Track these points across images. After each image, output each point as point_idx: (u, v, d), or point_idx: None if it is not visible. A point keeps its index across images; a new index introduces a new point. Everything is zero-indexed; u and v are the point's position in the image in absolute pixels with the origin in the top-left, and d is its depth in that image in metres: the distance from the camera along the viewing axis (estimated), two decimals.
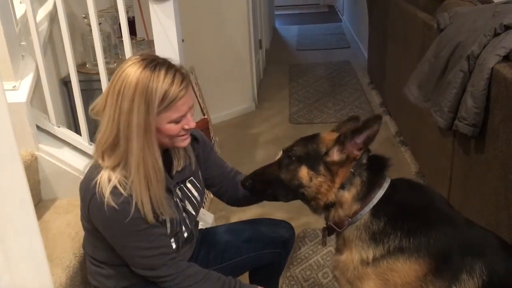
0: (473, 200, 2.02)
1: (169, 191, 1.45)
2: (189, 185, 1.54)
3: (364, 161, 1.39)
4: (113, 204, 1.28)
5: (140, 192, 1.30)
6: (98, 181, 1.30)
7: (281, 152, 1.51)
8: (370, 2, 4.65)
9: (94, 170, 1.35)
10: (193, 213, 1.55)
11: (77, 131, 2.20)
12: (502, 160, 1.71)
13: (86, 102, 2.19)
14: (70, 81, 2.10)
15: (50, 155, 2.05)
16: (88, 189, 1.33)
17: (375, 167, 1.40)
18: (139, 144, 1.28)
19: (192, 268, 1.44)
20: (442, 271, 1.29)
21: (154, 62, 1.30)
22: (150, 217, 1.32)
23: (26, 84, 2.01)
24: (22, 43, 2.07)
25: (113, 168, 1.32)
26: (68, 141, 2.12)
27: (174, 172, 1.47)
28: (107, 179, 1.30)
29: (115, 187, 1.29)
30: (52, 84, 2.22)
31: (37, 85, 2.07)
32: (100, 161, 1.34)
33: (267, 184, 1.47)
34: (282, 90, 4.85)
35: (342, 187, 1.37)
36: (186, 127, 1.36)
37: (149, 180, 1.31)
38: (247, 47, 4.13)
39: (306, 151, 1.42)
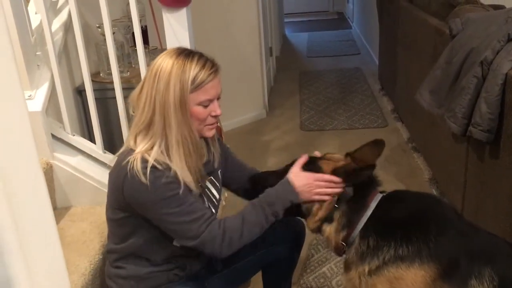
0: (488, 206, 2.00)
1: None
2: (209, 185, 1.57)
3: (350, 193, 1.45)
4: (149, 176, 1.33)
5: (180, 166, 1.38)
6: (130, 161, 1.36)
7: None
8: (380, 9, 4.65)
9: (126, 154, 1.40)
10: (214, 212, 1.58)
11: (92, 139, 2.22)
12: None
13: (100, 111, 2.22)
14: (84, 90, 2.12)
15: (65, 164, 2.07)
16: (120, 171, 1.38)
17: (360, 193, 1.45)
18: (177, 119, 1.37)
19: (228, 221, 1.44)
20: (450, 276, 1.28)
21: (187, 51, 1.44)
22: (193, 187, 1.41)
23: (41, 93, 2.04)
24: (37, 53, 2.10)
25: (149, 150, 1.38)
26: (83, 150, 2.14)
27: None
28: (141, 159, 1.36)
29: (151, 164, 1.35)
30: (67, 93, 2.25)
31: (52, 94, 2.10)
32: (132, 146, 1.41)
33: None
34: (292, 97, 4.86)
35: (326, 220, 1.46)
36: (213, 113, 1.44)
37: (189, 153, 1.40)
38: (257, 54, 4.15)
39: None
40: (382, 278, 1.33)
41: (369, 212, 1.40)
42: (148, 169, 1.34)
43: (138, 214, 1.41)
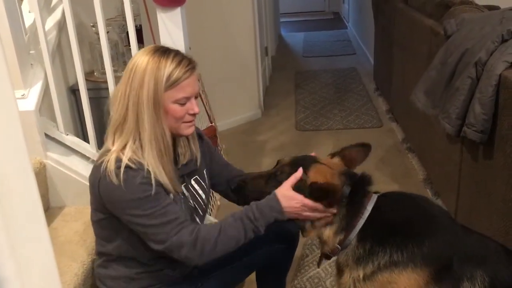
0: (482, 207, 2.01)
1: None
2: (194, 184, 1.56)
3: (346, 192, 1.42)
4: (122, 176, 1.32)
5: (155, 165, 1.36)
6: (105, 161, 1.35)
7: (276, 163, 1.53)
8: (376, 9, 4.66)
9: (102, 155, 1.40)
10: (201, 213, 1.57)
11: (85, 139, 2.21)
12: (511, 166, 1.70)
13: (94, 110, 2.21)
14: (78, 89, 2.11)
15: (58, 163, 2.06)
16: (96, 171, 1.38)
17: (356, 193, 1.43)
18: (150, 118, 1.35)
19: (203, 229, 1.39)
20: (443, 279, 1.29)
21: (164, 48, 1.42)
22: (170, 188, 1.39)
23: (34, 92, 2.02)
24: (31, 51, 2.08)
25: (122, 149, 1.37)
26: (76, 149, 2.13)
27: (179, 165, 1.50)
28: (115, 159, 1.35)
29: (124, 164, 1.33)
30: (61, 92, 2.23)
31: (45, 94, 2.09)
32: (109, 146, 1.40)
33: (254, 193, 1.50)
34: (288, 97, 4.86)
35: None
36: (191, 111, 1.42)
37: (161, 154, 1.38)
38: (253, 54, 4.15)
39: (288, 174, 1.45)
40: (376, 283, 1.33)
41: (366, 214, 1.39)
42: (122, 169, 1.32)
43: (114, 214, 1.40)
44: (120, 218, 1.39)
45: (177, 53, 1.41)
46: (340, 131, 3.93)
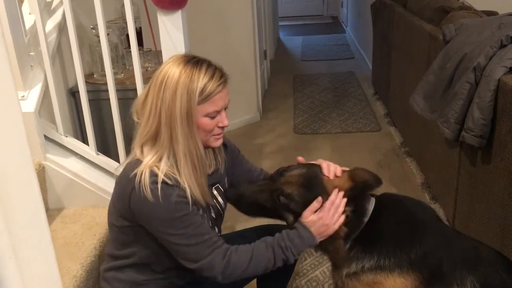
0: (480, 211, 2.01)
1: None
2: (215, 192, 1.55)
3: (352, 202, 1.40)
4: (160, 193, 1.29)
5: (190, 180, 1.33)
6: (138, 174, 1.31)
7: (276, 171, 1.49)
8: (374, 14, 4.68)
9: (134, 165, 1.35)
10: (220, 220, 1.57)
11: (85, 141, 2.21)
12: (509, 171, 1.71)
13: (94, 112, 2.21)
14: (78, 91, 2.11)
15: (58, 165, 2.06)
16: (128, 182, 1.33)
17: (359, 198, 1.41)
18: (184, 132, 1.32)
19: (234, 254, 1.37)
20: (432, 284, 1.29)
21: (196, 59, 1.37)
22: (202, 202, 1.37)
23: (34, 94, 2.03)
24: (31, 53, 2.09)
25: (157, 162, 1.33)
26: (76, 151, 2.13)
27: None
28: (149, 173, 1.31)
29: (161, 179, 1.30)
30: (60, 94, 2.24)
31: (45, 95, 2.09)
32: (139, 156, 1.36)
33: (252, 208, 1.48)
34: (286, 100, 4.87)
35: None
36: (220, 124, 1.41)
37: (195, 168, 1.35)
38: (252, 57, 4.16)
39: (303, 202, 1.39)
40: (361, 282, 1.34)
41: (366, 218, 1.38)
42: (159, 185, 1.29)
43: (142, 225, 1.38)
44: (150, 231, 1.36)
45: (209, 64, 1.37)
46: (338, 135, 3.94)
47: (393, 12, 3.77)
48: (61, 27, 2.30)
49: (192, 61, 1.35)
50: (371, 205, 1.40)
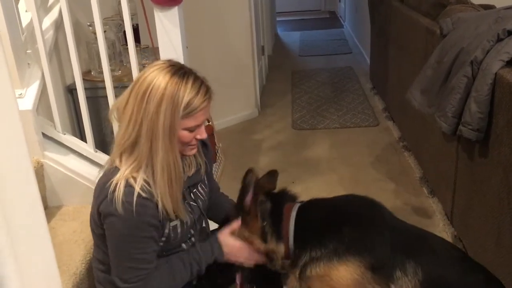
0: (477, 204, 2.02)
1: (182, 195, 1.47)
2: (199, 188, 1.57)
3: (268, 207, 1.51)
4: (130, 208, 1.29)
5: (164, 193, 1.33)
6: (113, 184, 1.31)
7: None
8: (372, 8, 4.67)
9: (111, 174, 1.35)
10: (204, 215, 1.60)
11: (83, 138, 2.21)
12: (506, 165, 1.71)
13: (91, 110, 2.21)
14: (75, 89, 2.11)
15: (56, 162, 2.06)
16: (102, 190, 1.34)
17: (277, 206, 1.52)
18: (165, 146, 1.31)
19: (154, 279, 1.40)
20: (378, 268, 1.33)
21: (182, 70, 1.34)
22: (172, 216, 1.38)
23: (32, 91, 2.02)
24: (28, 51, 2.08)
25: (134, 172, 1.32)
26: (74, 148, 2.13)
27: (185, 177, 1.49)
28: (125, 183, 1.31)
29: (136, 193, 1.30)
30: (58, 92, 2.23)
31: (42, 93, 2.09)
32: (117, 164, 1.36)
33: None
34: (284, 96, 4.87)
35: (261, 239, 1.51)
36: (198, 137, 1.40)
37: (170, 181, 1.34)
38: (249, 53, 4.15)
39: None
40: (312, 279, 1.39)
41: (292, 223, 1.46)
42: (134, 198, 1.29)
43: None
44: (104, 235, 1.38)
45: (195, 77, 1.34)
46: (336, 130, 3.94)
47: (390, 6, 3.77)
48: (58, 25, 2.30)
49: (179, 72, 1.32)
50: (294, 209, 1.48)
